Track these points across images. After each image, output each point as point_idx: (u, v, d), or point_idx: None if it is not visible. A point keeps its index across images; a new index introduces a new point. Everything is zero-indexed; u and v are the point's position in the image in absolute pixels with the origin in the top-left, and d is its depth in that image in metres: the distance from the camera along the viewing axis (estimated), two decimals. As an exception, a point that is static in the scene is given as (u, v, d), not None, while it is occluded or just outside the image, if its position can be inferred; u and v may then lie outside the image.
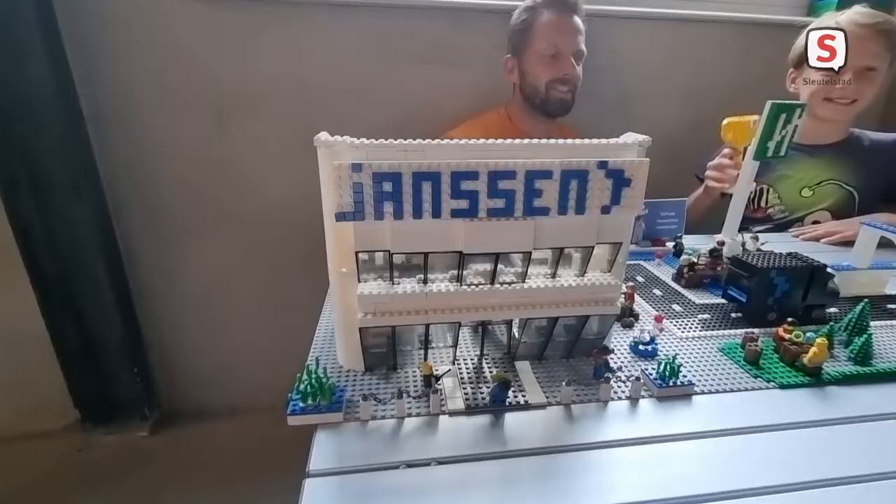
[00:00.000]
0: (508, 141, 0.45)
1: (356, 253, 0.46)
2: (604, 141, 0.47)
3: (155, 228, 1.29)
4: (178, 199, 1.28)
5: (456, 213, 0.43)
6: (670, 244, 0.91)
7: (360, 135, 0.44)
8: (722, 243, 0.80)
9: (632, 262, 0.86)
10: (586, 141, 0.46)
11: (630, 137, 0.48)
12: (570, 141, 0.46)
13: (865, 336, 0.56)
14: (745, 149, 0.82)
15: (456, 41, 1.24)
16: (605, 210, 0.45)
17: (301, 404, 0.45)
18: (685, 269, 0.77)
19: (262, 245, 1.36)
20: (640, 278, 0.80)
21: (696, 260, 0.78)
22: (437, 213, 0.43)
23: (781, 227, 1.15)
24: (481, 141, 0.44)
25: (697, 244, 0.86)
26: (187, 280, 1.36)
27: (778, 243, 0.88)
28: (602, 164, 0.44)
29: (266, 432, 1.38)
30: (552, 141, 0.46)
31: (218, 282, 1.38)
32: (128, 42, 1.12)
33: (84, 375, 1.31)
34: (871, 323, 0.61)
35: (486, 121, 1.23)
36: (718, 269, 0.76)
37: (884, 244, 0.75)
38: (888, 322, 0.65)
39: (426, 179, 0.42)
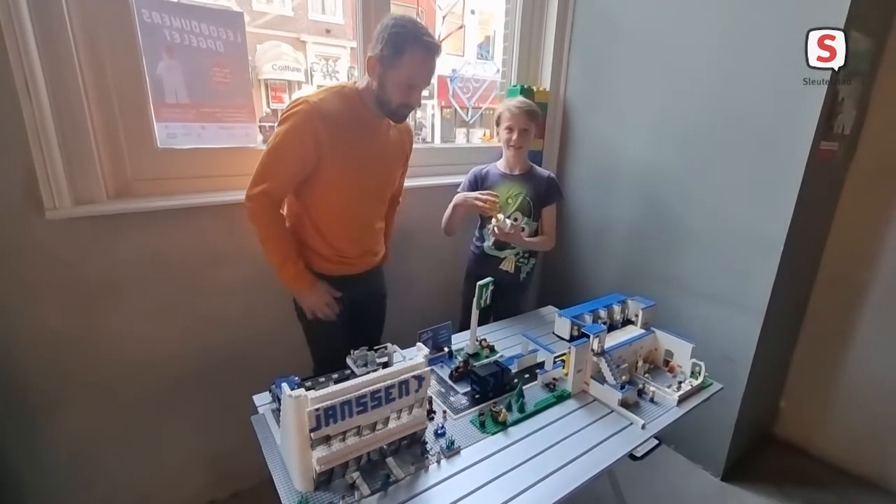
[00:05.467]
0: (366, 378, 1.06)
1: (310, 435, 0.99)
2: (405, 365, 1.12)
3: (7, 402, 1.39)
4: (31, 372, 1.41)
5: (357, 412, 1.02)
6: (447, 349, 1.63)
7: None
8: (467, 354, 1.55)
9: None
10: (394, 368, 1.10)
11: (420, 357, 1.14)
12: (391, 369, 1.09)
13: (519, 398, 1.35)
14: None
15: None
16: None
17: (298, 519, 0.96)
18: (454, 371, 1.50)
19: (135, 407, 1.59)
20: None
21: (459, 363, 1.51)
22: (350, 415, 1.01)
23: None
24: (358, 380, 1.04)
25: (462, 342, 1.59)
26: (50, 453, 1.48)
27: (501, 339, 1.71)
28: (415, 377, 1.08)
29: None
30: (380, 375, 1.08)
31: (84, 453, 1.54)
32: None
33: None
34: (526, 386, 1.42)
35: (343, 94, 1.40)
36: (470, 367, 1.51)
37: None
38: (535, 382, 1.48)
39: (346, 404, 0.99)
